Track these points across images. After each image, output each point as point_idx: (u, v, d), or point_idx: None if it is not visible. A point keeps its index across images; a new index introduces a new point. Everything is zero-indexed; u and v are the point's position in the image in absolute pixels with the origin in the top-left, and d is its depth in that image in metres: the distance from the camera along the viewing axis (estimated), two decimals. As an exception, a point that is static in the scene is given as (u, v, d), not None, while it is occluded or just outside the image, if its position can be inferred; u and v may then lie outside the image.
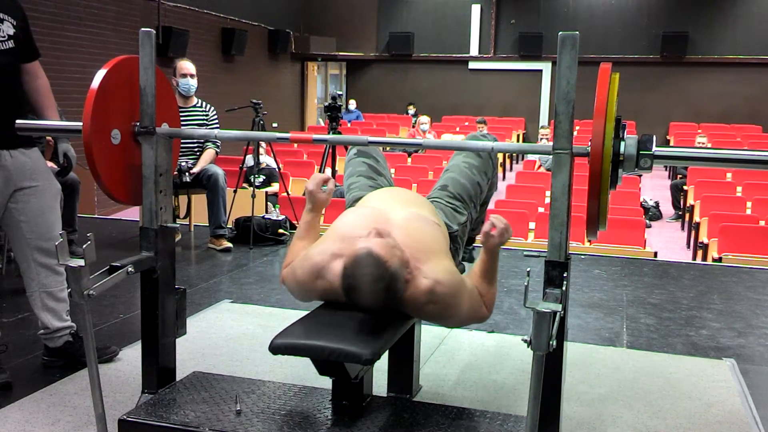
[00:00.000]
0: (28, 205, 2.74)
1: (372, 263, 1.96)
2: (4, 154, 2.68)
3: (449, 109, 15.93)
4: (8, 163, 2.69)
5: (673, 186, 9.63)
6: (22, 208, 2.73)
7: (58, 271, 2.77)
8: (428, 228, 2.23)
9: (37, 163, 2.78)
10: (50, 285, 2.82)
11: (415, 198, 2.50)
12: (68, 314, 2.93)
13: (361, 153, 2.75)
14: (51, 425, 2.46)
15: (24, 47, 2.73)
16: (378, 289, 1.97)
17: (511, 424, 2.17)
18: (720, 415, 2.68)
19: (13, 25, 2.69)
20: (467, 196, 2.56)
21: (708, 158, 2.19)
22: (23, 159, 2.73)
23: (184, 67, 5.12)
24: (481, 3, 15.96)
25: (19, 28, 2.71)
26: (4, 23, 2.66)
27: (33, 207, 2.75)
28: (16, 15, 2.71)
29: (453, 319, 2.21)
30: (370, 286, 1.97)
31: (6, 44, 2.66)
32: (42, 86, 2.80)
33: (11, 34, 2.67)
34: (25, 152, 2.74)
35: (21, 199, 2.73)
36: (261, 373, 2.89)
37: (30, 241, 2.75)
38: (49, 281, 2.81)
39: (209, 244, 5.26)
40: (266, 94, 13.43)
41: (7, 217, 2.75)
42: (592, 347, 3.38)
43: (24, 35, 2.73)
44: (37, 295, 2.83)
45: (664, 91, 15.16)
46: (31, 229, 2.72)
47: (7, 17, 2.67)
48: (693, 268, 5.19)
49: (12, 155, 2.69)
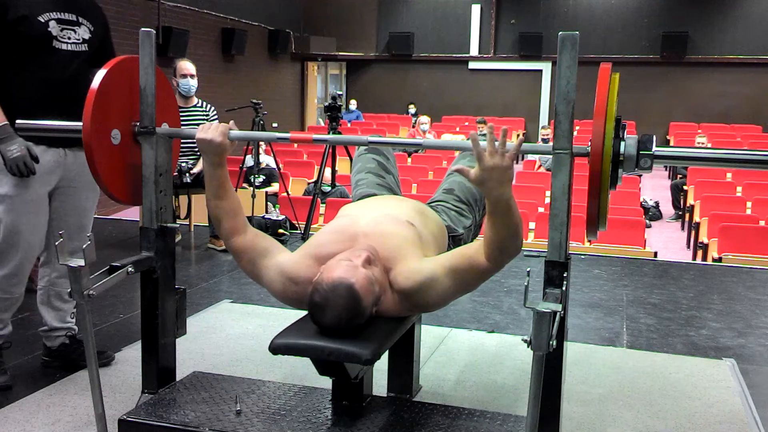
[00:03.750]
0: (64, 204, 2.78)
1: (346, 295, 1.93)
2: (61, 152, 2.72)
3: (449, 109, 15.93)
4: (64, 161, 2.74)
5: (673, 186, 9.63)
6: (58, 206, 2.78)
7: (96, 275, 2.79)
8: (398, 228, 2.16)
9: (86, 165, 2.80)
10: (61, 285, 2.84)
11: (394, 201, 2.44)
12: (73, 316, 2.94)
13: (372, 149, 2.74)
14: (51, 425, 2.46)
15: (97, 52, 2.78)
16: (342, 318, 1.96)
17: (511, 424, 2.17)
18: (720, 415, 2.68)
19: (90, 30, 2.77)
20: (473, 199, 2.56)
21: (708, 158, 2.18)
22: (79, 159, 2.73)
23: (184, 67, 5.12)
24: (481, 3, 15.96)
25: (96, 35, 2.78)
26: (82, 27, 2.74)
27: (70, 206, 2.79)
28: (96, 22, 2.80)
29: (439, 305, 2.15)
30: (336, 313, 1.95)
31: (79, 47, 2.73)
32: None
33: (86, 39, 2.75)
34: (80, 153, 2.74)
35: (59, 197, 2.78)
36: (261, 373, 2.89)
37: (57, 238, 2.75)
38: (61, 281, 2.83)
39: (209, 244, 5.26)
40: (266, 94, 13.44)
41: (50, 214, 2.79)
42: (592, 347, 3.38)
43: (100, 42, 2.81)
44: (45, 291, 2.85)
45: (664, 91, 15.16)
46: (61, 227, 2.70)
47: (87, 22, 2.76)
48: (693, 268, 5.19)
49: (67, 154, 2.74)
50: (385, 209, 2.27)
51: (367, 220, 2.19)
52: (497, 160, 1.85)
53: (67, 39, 2.68)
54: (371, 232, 2.14)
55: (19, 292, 2.75)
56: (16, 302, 2.77)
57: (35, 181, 2.65)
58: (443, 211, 2.48)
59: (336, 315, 1.95)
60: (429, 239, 2.22)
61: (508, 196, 1.88)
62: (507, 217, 1.91)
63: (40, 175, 2.65)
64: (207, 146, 2.22)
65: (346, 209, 2.41)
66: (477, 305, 3.98)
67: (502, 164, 1.85)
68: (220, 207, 2.25)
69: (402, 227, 2.16)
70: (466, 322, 3.71)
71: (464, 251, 2.06)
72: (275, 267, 2.16)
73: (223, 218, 2.25)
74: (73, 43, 2.70)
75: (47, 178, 2.70)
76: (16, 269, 2.69)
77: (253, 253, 2.21)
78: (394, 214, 2.22)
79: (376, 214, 2.23)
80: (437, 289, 2.03)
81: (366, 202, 2.43)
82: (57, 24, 2.65)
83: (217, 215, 2.26)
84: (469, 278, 2.03)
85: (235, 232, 2.24)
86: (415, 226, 2.19)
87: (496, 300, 4.10)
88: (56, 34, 2.65)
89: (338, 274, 1.97)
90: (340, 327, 1.97)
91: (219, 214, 2.25)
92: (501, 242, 1.94)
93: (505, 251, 1.96)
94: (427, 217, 2.34)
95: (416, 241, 2.14)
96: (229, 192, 2.27)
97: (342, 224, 2.23)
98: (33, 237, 2.70)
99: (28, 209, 2.66)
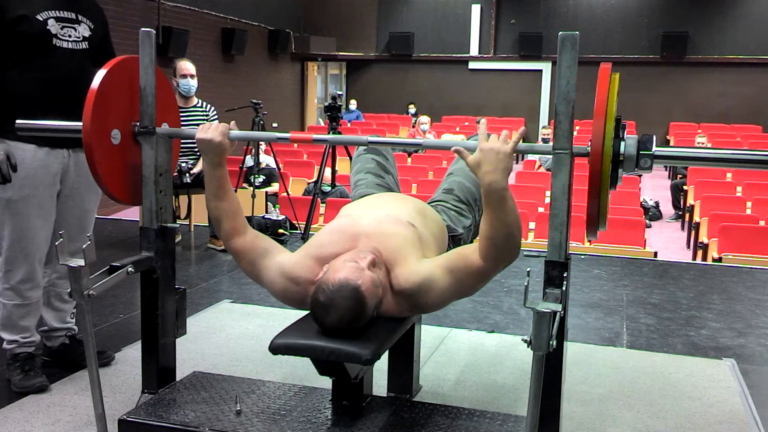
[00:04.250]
0: (65, 205, 2.76)
1: (351, 297, 1.93)
2: (64, 153, 2.70)
3: (449, 109, 15.93)
4: (67, 162, 2.71)
5: (673, 186, 9.63)
6: (61, 207, 2.75)
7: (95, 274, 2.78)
8: (399, 229, 2.16)
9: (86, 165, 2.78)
10: (61, 286, 2.84)
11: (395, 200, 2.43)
12: (73, 317, 2.93)
13: (371, 149, 2.74)
14: (51, 425, 2.46)
15: (98, 51, 2.77)
16: (345, 319, 1.95)
17: (511, 424, 2.17)
18: (720, 415, 2.68)
19: (90, 28, 2.74)
20: (473, 199, 2.56)
21: (708, 158, 2.18)
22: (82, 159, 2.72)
23: (184, 67, 5.12)
24: (481, 3, 15.96)
25: (96, 32, 2.76)
26: (82, 25, 2.72)
27: (72, 207, 2.77)
28: (96, 19, 2.78)
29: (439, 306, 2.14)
30: (339, 314, 1.95)
31: (80, 45, 2.70)
32: None
33: (86, 36, 2.73)
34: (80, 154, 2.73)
35: (63, 199, 2.75)
36: (261, 373, 2.89)
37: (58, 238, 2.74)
38: (61, 282, 2.83)
39: (209, 244, 5.26)
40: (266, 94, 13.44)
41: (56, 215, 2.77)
42: (592, 347, 3.38)
43: (100, 40, 2.79)
44: (45, 292, 2.84)
45: (664, 91, 15.16)
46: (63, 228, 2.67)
47: (86, 20, 2.74)
48: (693, 268, 5.19)
49: (70, 155, 2.72)
50: (386, 209, 2.27)
51: (368, 221, 2.19)
52: (497, 144, 1.90)
53: (68, 37, 2.67)
54: (372, 232, 2.13)
55: (37, 296, 2.73)
56: (36, 308, 2.75)
57: (42, 184, 2.64)
58: (443, 211, 2.48)
59: (339, 316, 1.95)
60: (429, 240, 2.22)
61: (502, 185, 1.89)
62: (501, 210, 1.91)
63: (48, 177, 2.65)
64: (207, 146, 2.22)
65: (346, 209, 2.41)
66: (477, 305, 3.98)
67: (500, 148, 1.89)
68: (219, 208, 2.25)
69: (403, 228, 2.16)
70: (466, 322, 3.71)
71: (461, 251, 2.07)
72: (276, 268, 2.16)
73: (223, 219, 2.25)
74: (74, 41, 2.69)
75: (54, 180, 2.69)
76: (30, 274, 2.68)
77: (253, 254, 2.21)
78: (395, 215, 2.22)
79: (377, 214, 2.23)
80: (436, 290, 2.03)
81: (367, 203, 2.43)
82: (56, 22, 2.64)
83: (217, 216, 2.26)
84: (465, 279, 2.02)
85: (235, 233, 2.24)
86: (415, 226, 2.19)
87: (496, 300, 4.10)
88: (56, 32, 2.63)
89: (344, 275, 1.96)
90: (342, 328, 1.97)
91: (219, 215, 2.25)
92: (494, 239, 1.94)
93: (500, 250, 1.95)
94: (428, 217, 2.34)
95: (417, 241, 2.14)
96: (228, 193, 2.27)
97: (343, 224, 2.23)
98: (42, 240, 2.68)
99: (36, 213, 2.64)
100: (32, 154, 2.62)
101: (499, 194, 1.90)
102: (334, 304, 1.94)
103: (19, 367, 2.72)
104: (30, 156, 2.61)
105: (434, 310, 2.17)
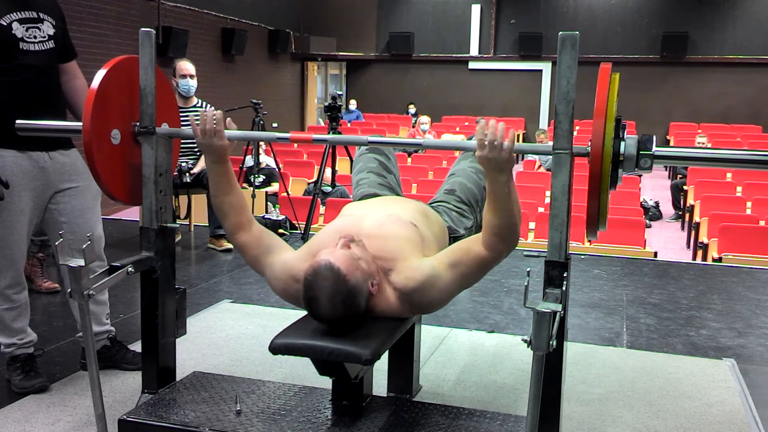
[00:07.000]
0: (68, 206, 2.71)
1: (330, 276, 1.93)
2: (44, 156, 2.63)
3: (449, 109, 15.93)
4: (47, 164, 2.64)
5: (673, 186, 9.63)
6: (62, 209, 2.70)
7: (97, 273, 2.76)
8: (401, 229, 2.16)
9: (77, 163, 2.74)
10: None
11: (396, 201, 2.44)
12: (108, 318, 2.91)
13: (373, 149, 2.74)
14: (51, 425, 2.46)
15: (63, 47, 2.70)
16: (336, 302, 1.95)
17: (511, 424, 2.17)
18: (720, 415, 2.68)
19: (53, 24, 2.66)
20: (474, 200, 2.56)
21: (708, 158, 2.18)
22: (63, 160, 2.69)
23: (183, 67, 5.11)
24: (481, 3, 15.96)
25: (59, 28, 2.68)
26: (45, 23, 2.62)
27: (73, 207, 2.72)
28: (55, 15, 2.68)
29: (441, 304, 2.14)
30: (327, 298, 1.94)
31: (46, 44, 2.63)
32: (80, 86, 2.76)
33: (51, 34, 2.64)
34: (65, 153, 2.70)
35: (61, 200, 2.69)
36: (261, 373, 2.89)
37: (71, 242, 2.70)
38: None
39: (209, 244, 5.26)
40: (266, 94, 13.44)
41: (48, 219, 2.71)
42: (592, 347, 3.38)
43: (63, 35, 2.70)
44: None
45: (664, 91, 15.16)
46: (72, 230, 2.66)
47: (48, 17, 2.64)
48: (693, 268, 5.19)
49: (51, 157, 2.65)
50: (388, 209, 2.27)
51: (370, 221, 2.20)
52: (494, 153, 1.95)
53: (33, 38, 2.58)
54: (374, 232, 2.14)
55: (24, 297, 2.72)
56: (25, 308, 2.74)
57: (24, 189, 2.58)
58: (444, 212, 2.48)
59: (328, 300, 1.94)
60: (431, 240, 2.22)
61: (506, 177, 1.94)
62: (507, 200, 1.95)
63: (29, 182, 2.59)
64: (207, 148, 2.25)
65: (349, 208, 2.41)
66: (477, 305, 3.98)
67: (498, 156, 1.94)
68: (225, 202, 2.26)
69: (405, 228, 2.17)
70: (466, 322, 3.71)
71: (461, 244, 2.09)
72: (279, 264, 2.18)
73: (229, 213, 2.26)
74: (40, 42, 2.60)
75: (31, 185, 2.60)
76: (15, 279, 2.67)
77: (257, 249, 2.22)
78: (398, 215, 2.22)
79: (379, 214, 2.23)
80: (439, 286, 2.04)
81: (369, 202, 2.43)
82: (20, 24, 2.54)
83: (223, 210, 2.27)
84: (468, 270, 2.04)
85: (240, 228, 2.25)
86: (418, 227, 2.20)
87: (496, 300, 4.10)
88: (21, 35, 2.53)
89: (316, 259, 2.00)
90: (337, 314, 1.97)
91: (224, 210, 2.26)
92: (499, 228, 1.97)
93: (504, 239, 1.99)
94: (430, 218, 2.34)
95: (418, 242, 2.15)
96: (234, 187, 2.28)
97: (345, 224, 2.23)
98: (23, 245, 2.65)
99: (17, 219, 2.59)
100: (12, 160, 2.56)
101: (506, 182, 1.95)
102: (317, 287, 1.95)
103: (20, 367, 2.72)
104: (10, 162, 2.55)
105: (436, 309, 2.17)
